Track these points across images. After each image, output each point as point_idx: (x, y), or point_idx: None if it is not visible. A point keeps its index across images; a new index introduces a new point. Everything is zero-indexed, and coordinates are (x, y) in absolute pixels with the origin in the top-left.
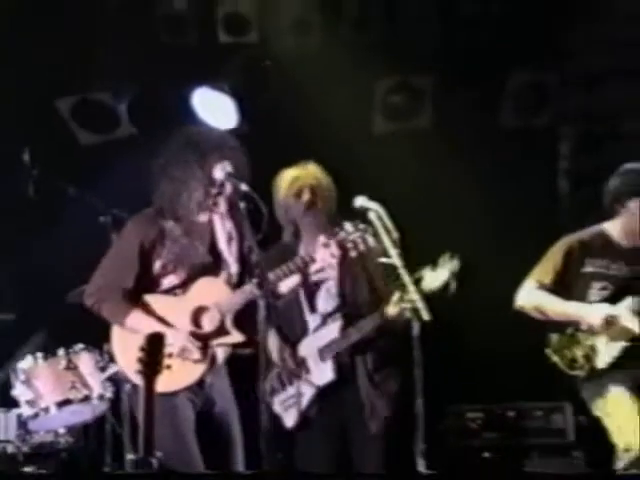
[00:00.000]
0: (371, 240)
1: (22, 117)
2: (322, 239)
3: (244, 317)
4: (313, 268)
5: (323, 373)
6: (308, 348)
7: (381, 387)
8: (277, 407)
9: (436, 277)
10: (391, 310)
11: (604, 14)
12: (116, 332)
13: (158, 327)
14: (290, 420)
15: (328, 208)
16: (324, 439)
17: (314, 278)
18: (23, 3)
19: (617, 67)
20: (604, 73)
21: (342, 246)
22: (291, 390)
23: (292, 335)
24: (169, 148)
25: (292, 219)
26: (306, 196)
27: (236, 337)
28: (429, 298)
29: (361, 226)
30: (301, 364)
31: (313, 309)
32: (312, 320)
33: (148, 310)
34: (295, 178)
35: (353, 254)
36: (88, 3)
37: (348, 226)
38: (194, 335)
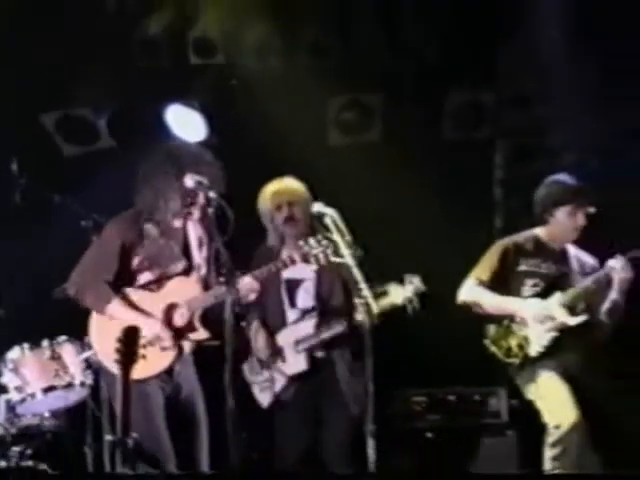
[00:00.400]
0: (332, 255)
1: (10, 131)
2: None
3: (212, 315)
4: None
5: (297, 362)
6: (285, 338)
7: (359, 375)
8: (255, 389)
9: (400, 294)
10: (358, 316)
11: (532, 42)
12: (94, 324)
13: (135, 316)
14: (265, 401)
15: (305, 218)
16: (298, 420)
17: (295, 276)
18: (12, 25)
19: (545, 87)
20: (534, 93)
21: (306, 259)
22: (266, 374)
23: (272, 325)
24: (152, 159)
25: (275, 228)
26: (285, 210)
27: (202, 334)
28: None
29: (324, 242)
30: (278, 352)
31: (293, 304)
32: (291, 314)
33: (126, 301)
34: (275, 193)
35: (314, 270)
36: (72, 28)
37: (312, 241)
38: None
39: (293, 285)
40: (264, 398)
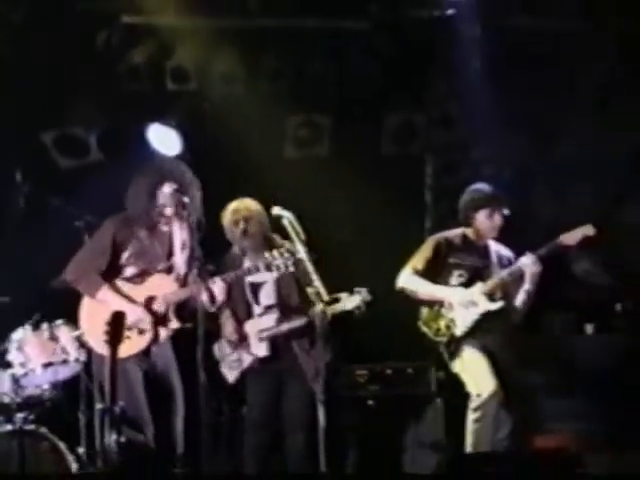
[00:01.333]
0: (292, 266)
1: (15, 146)
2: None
3: (187, 307)
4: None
5: (260, 349)
6: (251, 328)
7: (318, 358)
8: (224, 367)
9: (350, 302)
10: (313, 313)
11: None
12: (84, 309)
13: (121, 301)
14: (232, 377)
15: (260, 233)
16: (262, 393)
17: (258, 280)
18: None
19: (468, 110)
20: (458, 114)
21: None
22: (235, 356)
23: (240, 316)
24: (142, 172)
25: (235, 241)
26: (241, 225)
27: (174, 324)
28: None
29: (286, 255)
30: (245, 338)
31: (257, 301)
32: (256, 308)
33: (114, 288)
34: (234, 210)
35: (275, 275)
36: (69, 59)
37: (275, 253)
38: (143, 319)
39: (256, 287)
40: (231, 375)
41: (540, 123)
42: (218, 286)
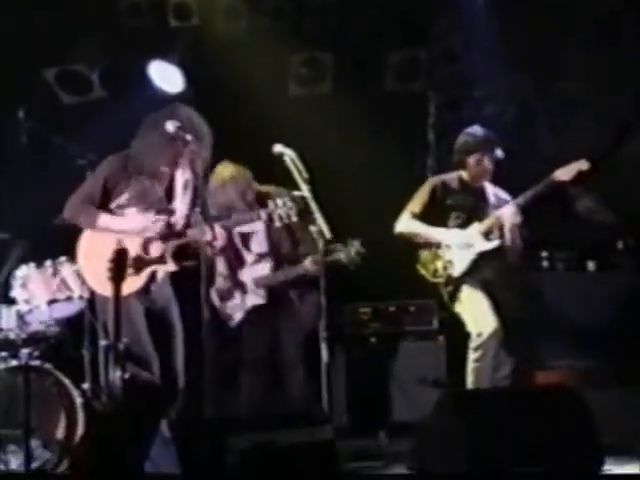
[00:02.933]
0: (294, 216)
1: (17, 83)
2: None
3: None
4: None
5: (257, 296)
6: (246, 275)
7: (310, 302)
8: (228, 309)
9: (345, 252)
10: (308, 264)
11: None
12: (82, 246)
13: (122, 220)
14: (238, 317)
15: (241, 192)
16: (259, 336)
17: (247, 230)
18: None
19: (471, 46)
20: (462, 50)
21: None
22: (237, 300)
23: (234, 264)
24: (151, 115)
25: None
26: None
27: (171, 267)
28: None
29: (288, 204)
30: (240, 285)
31: (248, 249)
32: (249, 257)
33: (112, 214)
34: (217, 174)
35: (278, 224)
36: None
37: (279, 201)
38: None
39: (246, 237)
40: (237, 315)
41: (542, 60)
42: (218, 231)
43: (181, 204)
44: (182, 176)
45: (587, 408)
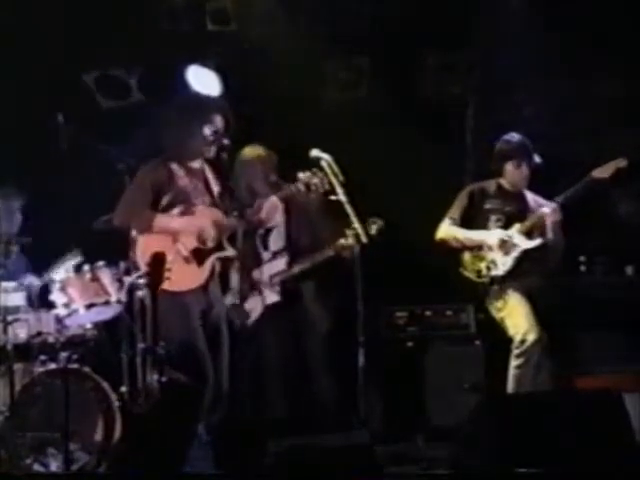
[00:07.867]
0: (327, 185)
1: (58, 88)
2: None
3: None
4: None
5: (272, 294)
6: (262, 274)
7: (323, 301)
8: (247, 306)
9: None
10: (328, 251)
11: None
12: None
13: (179, 220)
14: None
15: (265, 173)
16: (277, 339)
17: (268, 225)
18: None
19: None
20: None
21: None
22: (257, 297)
23: (249, 264)
24: (175, 108)
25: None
26: (252, 164)
27: (230, 251)
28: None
29: (319, 174)
30: (255, 285)
31: (266, 247)
32: (265, 255)
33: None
34: (244, 153)
35: (313, 195)
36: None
37: (310, 173)
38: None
39: (266, 232)
40: (254, 312)
41: (580, 64)
42: (271, 203)
43: (216, 197)
44: (211, 172)
45: (629, 414)
